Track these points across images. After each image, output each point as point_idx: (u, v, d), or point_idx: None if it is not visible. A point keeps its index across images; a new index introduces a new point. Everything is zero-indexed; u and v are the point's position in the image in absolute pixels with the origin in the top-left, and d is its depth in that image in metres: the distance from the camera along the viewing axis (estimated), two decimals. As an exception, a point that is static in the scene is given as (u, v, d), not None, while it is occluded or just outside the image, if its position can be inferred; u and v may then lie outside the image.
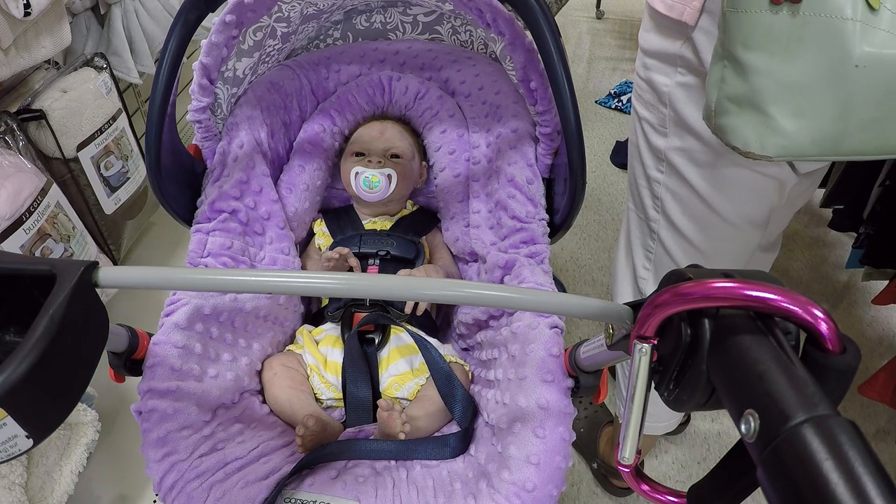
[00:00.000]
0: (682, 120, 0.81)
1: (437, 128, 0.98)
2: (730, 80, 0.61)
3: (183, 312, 0.67)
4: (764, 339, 0.33)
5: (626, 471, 0.42)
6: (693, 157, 0.83)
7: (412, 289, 0.45)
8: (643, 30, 0.88)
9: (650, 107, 0.87)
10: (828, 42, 0.55)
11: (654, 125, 0.87)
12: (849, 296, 1.74)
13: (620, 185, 2.20)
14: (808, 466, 0.26)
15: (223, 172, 0.83)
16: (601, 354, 0.54)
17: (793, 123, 0.59)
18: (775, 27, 0.56)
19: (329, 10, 0.93)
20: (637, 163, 0.94)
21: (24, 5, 1.12)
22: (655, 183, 0.90)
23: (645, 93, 0.88)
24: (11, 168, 1.16)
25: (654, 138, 0.88)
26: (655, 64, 0.84)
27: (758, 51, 0.58)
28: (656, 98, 0.85)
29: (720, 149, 0.78)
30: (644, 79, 0.87)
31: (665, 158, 0.87)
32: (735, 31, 0.59)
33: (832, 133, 0.59)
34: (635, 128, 0.93)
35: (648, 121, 0.88)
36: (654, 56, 0.84)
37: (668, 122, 0.84)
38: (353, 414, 0.75)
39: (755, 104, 0.60)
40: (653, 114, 0.87)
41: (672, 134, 0.84)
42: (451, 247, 0.97)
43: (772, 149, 0.60)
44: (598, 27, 3.58)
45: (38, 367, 0.36)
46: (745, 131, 0.61)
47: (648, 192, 0.92)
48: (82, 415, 1.16)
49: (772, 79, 0.58)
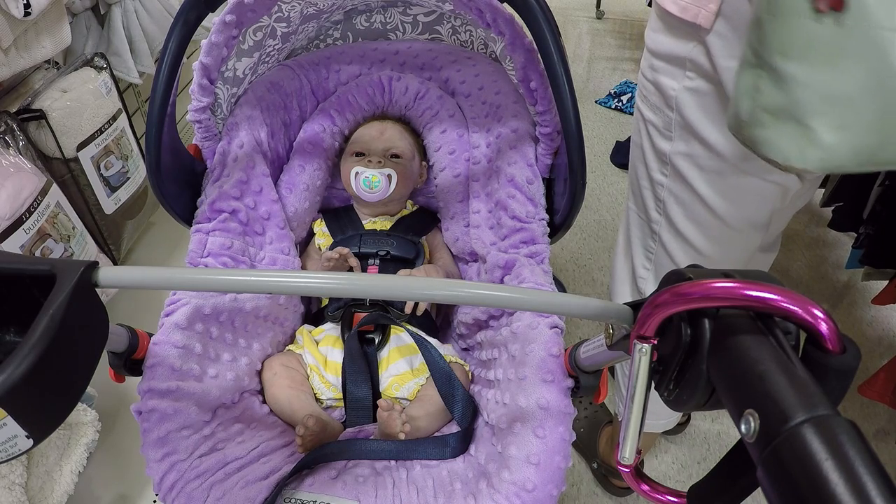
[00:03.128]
0: (689, 125, 0.80)
1: (437, 128, 0.98)
2: (766, 90, 0.58)
3: (183, 312, 0.67)
4: (764, 339, 0.33)
5: (626, 471, 0.42)
6: (698, 162, 0.82)
7: (412, 289, 0.45)
8: (651, 30, 0.85)
9: (656, 109, 0.85)
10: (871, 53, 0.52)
11: (660, 128, 0.85)
12: (849, 296, 1.74)
13: (620, 185, 2.20)
14: (808, 466, 0.26)
15: (223, 172, 0.83)
16: (601, 354, 0.54)
17: (834, 136, 0.56)
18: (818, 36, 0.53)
19: (329, 10, 0.93)
20: (640, 164, 0.93)
21: (24, 5, 1.12)
22: (658, 186, 0.89)
23: (651, 95, 0.86)
24: (11, 168, 1.16)
25: (658, 141, 0.86)
26: (663, 66, 0.82)
27: (798, 60, 0.55)
28: (662, 101, 0.83)
29: (727, 156, 0.77)
30: (650, 80, 0.85)
31: (669, 162, 0.86)
32: (772, 38, 0.55)
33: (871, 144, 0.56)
34: (639, 128, 0.92)
35: (653, 123, 0.86)
36: (662, 58, 0.82)
37: (674, 126, 0.82)
38: (353, 414, 0.75)
39: (795, 116, 0.56)
40: (658, 117, 0.85)
41: (678, 138, 0.83)
42: (451, 247, 0.97)
43: (813, 162, 0.57)
44: (598, 27, 3.58)
45: (38, 367, 0.36)
46: (783, 144, 0.58)
47: (651, 193, 0.91)
48: (82, 415, 1.16)
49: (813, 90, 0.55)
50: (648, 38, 0.86)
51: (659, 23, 0.82)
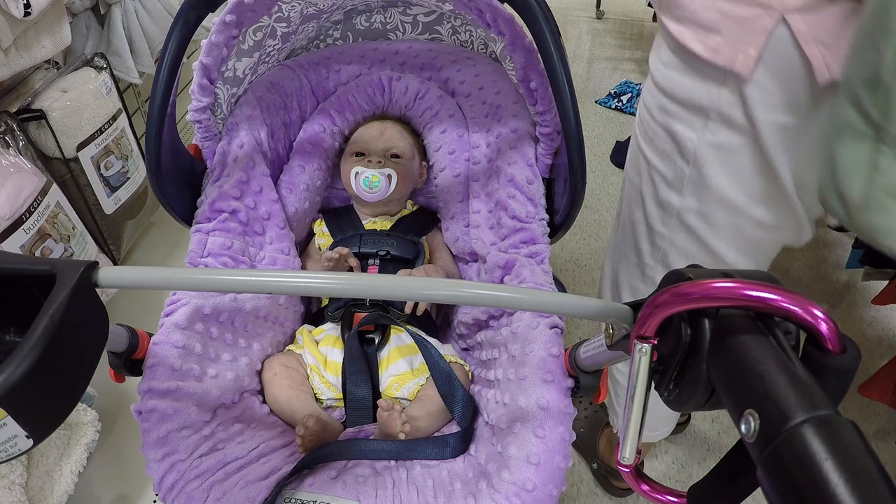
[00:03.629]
0: (708, 184, 0.70)
1: (437, 128, 0.98)
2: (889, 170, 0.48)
3: (183, 312, 0.67)
4: (764, 339, 0.33)
5: (626, 471, 0.42)
6: (713, 219, 0.73)
7: (412, 289, 0.45)
8: (663, 64, 0.72)
9: (664, 157, 0.75)
10: None
11: (668, 179, 0.75)
12: (849, 296, 1.74)
13: (620, 185, 2.20)
14: (808, 466, 0.26)
15: (223, 172, 0.83)
16: (601, 354, 0.54)
17: None
18: None
19: (329, 10, 0.93)
20: (637, 209, 0.83)
21: (24, 5, 1.12)
22: (659, 236, 0.81)
23: (659, 140, 0.75)
24: (11, 168, 1.16)
25: (664, 192, 0.77)
26: (679, 111, 0.71)
27: None
28: (675, 150, 0.73)
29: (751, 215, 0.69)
30: (660, 123, 0.74)
31: (676, 216, 0.76)
32: None
33: None
34: (639, 170, 0.81)
35: (660, 172, 0.76)
36: (679, 102, 0.70)
37: (688, 181, 0.72)
38: (353, 414, 0.75)
39: None
40: (667, 166, 0.75)
41: (690, 194, 0.73)
42: (451, 247, 0.97)
43: None
44: (598, 27, 3.58)
45: (38, 367, 0.36)
46: None
47: (648, 241, 0.83)
48: (82, 415, 1.16)
49: None
50: (658, 73, 0.73)
51: (674, 58, 0.70)
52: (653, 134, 0.77)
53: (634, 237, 0.87)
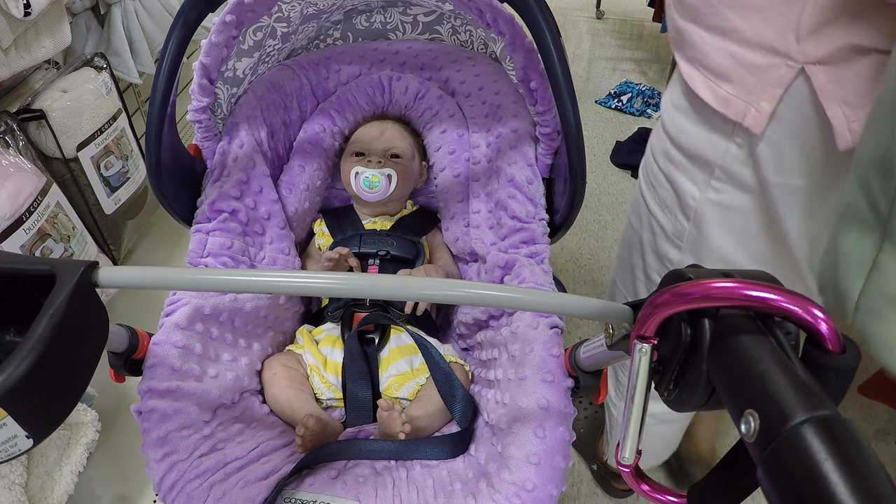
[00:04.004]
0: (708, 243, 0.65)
1: (437, 128, 0.98)
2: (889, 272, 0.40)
3: (183, 312, 0.67)
4: (764, 339, 0.33)
5: (626, 471, 0.42)
6: None
7: (412, 289, 0.45)
8: (673, 106, 0.65)
9: (665, 209, 0.70)
10: None
11: (668, 232, 0.71)
12: (849, 296, 1.74)
13: (620, 185, 2.20)
14: (808, 466, 0.26)
15: (223, 172, 0.83)
16: (601, 354, 0.54)
17: None
18: None
19: (329, 10, 0.93)
20: (637, 255, 0.78)
21: (24, 5, 1.12)
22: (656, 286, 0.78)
23: (662, 189, 0.69)
24: (11, 168, 1.16)
25: (664, 246, 0.72)
26: (683, 162, 0.65)
27: None
28: (676, 203, 0.68)
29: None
30: (663, 171, 0.68)
31: None
32: None
33: None
34: (640, 216, 0.76)
35: (660, 223, 0.71)
36: (684, 152, 0.65)
37: (687, 238, 0.68)
38: (353, 414, 0.75)
39: None
40: (668, 219, 0.70)
41: (688, 251, 0.69)
42: (451, 247, 0.97)
43: None
44: (598, 27, 3.58)
45: (38, 367, 0.36)
46: None
47: (646, 290, 0.79)
48: (82, 415, 1.16)
49: None
50: (667, 115, 0.66)
51: (684, 101, 0.63)
52: (655, 180, 0.72)
53: (633, 282, 0.84)
